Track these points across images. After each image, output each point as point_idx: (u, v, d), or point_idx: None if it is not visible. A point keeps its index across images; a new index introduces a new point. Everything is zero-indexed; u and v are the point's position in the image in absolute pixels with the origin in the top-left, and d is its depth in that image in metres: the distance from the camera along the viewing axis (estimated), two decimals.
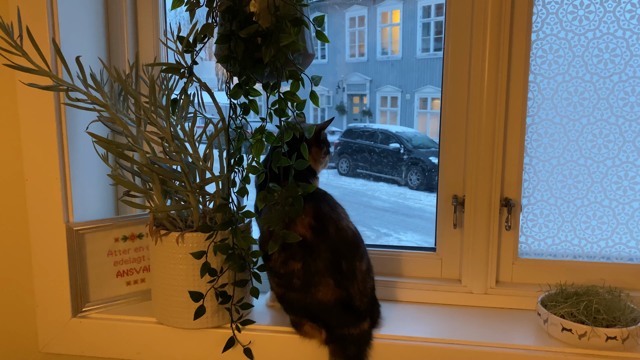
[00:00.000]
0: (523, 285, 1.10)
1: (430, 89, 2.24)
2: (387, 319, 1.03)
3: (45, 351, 1.07)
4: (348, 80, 2.45)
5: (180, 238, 0.95)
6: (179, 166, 0.95)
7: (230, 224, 0.94)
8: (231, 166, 0.95)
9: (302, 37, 0.93)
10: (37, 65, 0.86)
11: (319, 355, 0.97)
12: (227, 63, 0.88)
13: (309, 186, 0.91)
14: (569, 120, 1.07)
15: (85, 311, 1.06)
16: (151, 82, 0.90)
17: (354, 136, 2.44)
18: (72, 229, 1.02)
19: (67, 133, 1.01)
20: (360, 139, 2.41)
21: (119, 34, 1.11)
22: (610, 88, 1.05)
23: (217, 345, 0.99)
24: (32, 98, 0.99)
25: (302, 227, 0.91)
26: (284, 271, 0.93)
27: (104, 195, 1.15)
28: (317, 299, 0.91)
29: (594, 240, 1.10)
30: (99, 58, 1.00)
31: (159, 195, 0.96)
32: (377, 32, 2.34)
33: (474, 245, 1.08)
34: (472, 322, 1.03)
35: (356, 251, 0.94)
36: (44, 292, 1.05)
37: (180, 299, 0.97)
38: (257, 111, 0.92)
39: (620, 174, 1.07)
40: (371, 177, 2.39)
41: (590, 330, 0.90)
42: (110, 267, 1.07)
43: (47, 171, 1.01)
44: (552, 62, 1.05)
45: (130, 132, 0.95)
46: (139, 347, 1.04)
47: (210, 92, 0.94)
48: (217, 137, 0.94)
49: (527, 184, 1.09)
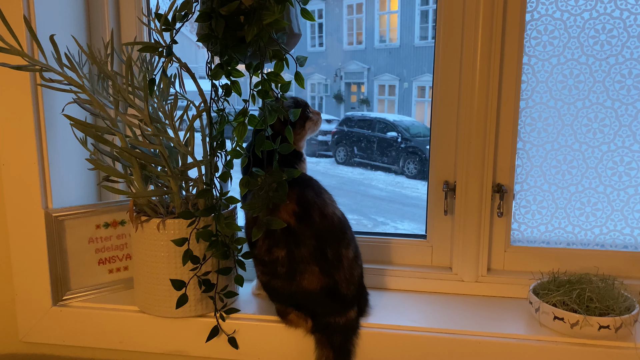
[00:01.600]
0: (515, 273, 1.07)
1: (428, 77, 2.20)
2: (376, 307, 1.01)
3: (25, 340, 1.05)
4: (346, 68, 2.42)
5: (161, 224, 0.92)
6: (158, 150, 0.92)
7: (213, 210, 0.91)
8: (213, 150, 0.92)
9: (287, 16, 0.89)
10: (9, 43, 0.83)
11: (304, 345, 0.94)
12: (207, 42, 0.84)
13: (294, 171, 0.88)
14: (563, 103, 1.04)
15: (66, 300, 1.03)
16: (128, 61, 0.86)
17: (352, 125, 2.42)
18: (51, 215, 0.99)
19: (44, 116, 0.97)
20: (357, 127, 2.39)
21: (99, 12, 1.08)
22: (606, 70, 1.01)
23: (201, 335, 0.96)
24: (6, 79, 0.95)
25: (286, 214, 0.88)
26: (268, 259, 0.91)
27: (85, 181, 1.12)
28: (302, 287, 0.89)
29: (588, 227, 1.07)
30: (72, 36, 0.96)
31: (139, 180, 0.93)
32: (375, 19, 2.30)
33: (465, 232, 1.05)
34: (463, 310, 1.01)
35: (342, 238, 0.91)
36: (23, 281, 1.02)
37: (162, 287, 0.94)
38: (239, 93, 0.88)
39: (616, 159, 1.04)
40: (368, 165, 2.37)
41: (583, 319, 0.88)
42: (91, 255, 1.05)
43: (24, 155, 0.98)
44: (547, 44, 1.02)
45: (108, 115, 0.91)
46: (121, 336, 1.01)
47: (192, 73, 0.91)
48: (198, 119, 0.90)
49: (520, 170, 1.07)
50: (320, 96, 2.48)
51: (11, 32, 0.81)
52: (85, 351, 1.06)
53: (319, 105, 2.51)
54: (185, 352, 0.99)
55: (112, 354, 1.05)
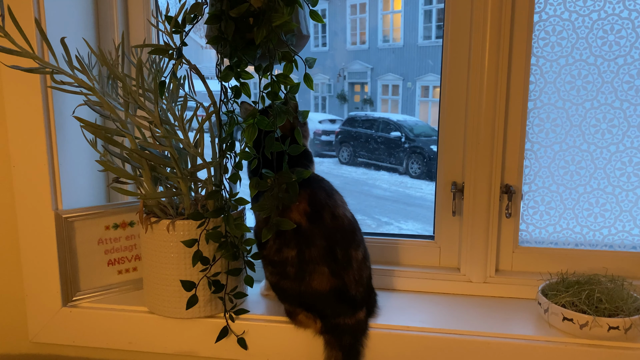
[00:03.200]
0: (523, 273, 1.07)
1: (431, 77, 2.21)
2: (384, 308, 1.01)
3: (35, 341, 1.05)
4: (349, 68, 2.42)
5: (171, 226, 0.92)
6: (168, 152, 0.92)
7: (223, 211, 0.91)
8: (223, 152, 0.92)
9: (296, 17, 0.90)
10: (20, 46, 0.83)
11: (314, 345, 0.95)
12: (217, 44, 0.85)
13: (304, 172, 0.88)
14: (571, 104, 1.04)
15: (76, 300, 1.04)
16: (138, 63, 0.87)
17: (355, 125, 2.42)
18: (61, 217, 1.00)
19: (54, 117, 0.98)
20: (361, 127, 2.39)
21: (108, 15, 1.08)
22: (614, 71, 1.01)
23: (210, 335, 0.97)
24: (17, 82, 0.96)
25: (297, 214, 0.89)
26: (278, 259, 0.91)
27: (94, 182, 1.13)
28: (312, 288, 0.89)
29: (596, 227, 1.07)
30: (83, 39, 0.96)
31: (148, 181, 0.94)
32: (379, 19, 2.30)
33: (473, 233, 1.05)
34: (471, 311, 1.01)
35: (352, 239, 0.92)
36: (34, 281, 1.03)
37: (172, 288, 0.94)
38: (248, 94, 0.89)
39: (625, 159, 1.04)
40: (372, 165, 2.37)
41: (592, 319, 0.88)
42: (101, 256, 1.05)
43: (35, 157, 0.98)
44: (555, 44, 1.02)
45: (118, 117, 0.92)
46: (130, 337, 1.02)
47: (201, 75, 0.91)
48: (208, 121, 0.91)
49: (528, 170, 1.07)
50: (323, 96, 2.48)
51: (23, 35, 0.82)
52: (94, 352, 1.07)
53: (322, 105, 2.51)
54: (195, 352, 1.00)
55: (122, 355, 1.06)
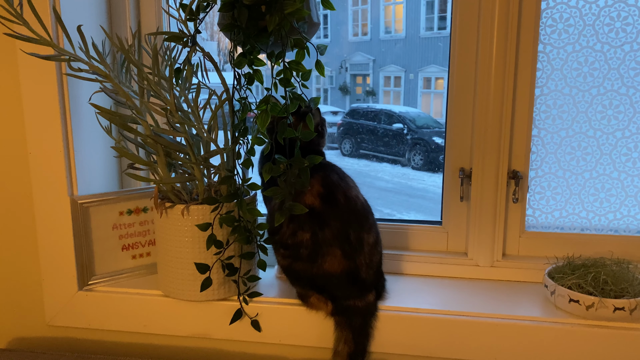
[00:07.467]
0: (530, 258, 1.09)
1: (434, 69, 2.21)
2: (393, 291, 1.03)
3: (52, 324, 1.08)
4: (351, 59, 2.42)
5: (185, 210, 0.94)
6: (183, 138, 0.94)
7: (236, 196, 0.93)
8: (236, 138, 0.94)
9: (307, 5, 0.91)
10: (38, 34, 0.85)
11: (325, 327, 0.97)
12: (230, 32, 0.86)
13: (315, 157, 0.90)
14: (578, 91, 1.05)
15: (91, 284, 1.06)
16: (154, 51, 0.88)
17: (357, 116, 2.42)
18: (76, 202, 1.02)
19: (69, 104, 1.00)
20: (363, 119, 2.40)
21: (120, 3, 1.09)
22: (621, 58, 1.03)
23: (224, 318, 0.99)
24: (33, 69, 0.97)
25: (311, 196, 0.91)
26: (292, 242, 0.93)
27: (109, 168, 1.15)
28: (324, 270, 0.91)
29: (602, 212, 1.09)
30: (101, 27, 0.98)
31: (163, 167, 0.96)
32: (381, 10, 2.30)
33: (481, 218, 1.07)
34: (479, 294, 1.03)
35: (364, 222, 0.93)
36: (50, 266, 1.05)
37: (186, 272, 0.96)
38: (261, 81, 0.90)
39: (630, 145, 1.06)
40: (374, 157, 2.38)
41: (598, 301, 0.90)
42: (115, 241, 1.07)
43: (51, 144, 1.00)
44: (562, 32, 1.03)
45: (133, 104, 0.93)
46: (145, 320, 1.04)
47: (214, 62, 0.93)
48: (221, 108, 0.92)
49: (535, 156, 1.08)
50: (325, 88, 2.48)
51: (41, 22, 0.83)
52: (110, 334, 1.09)
53: (324, 97, 2.51)
54: (209, 334, 1.02)
55: (137, 337, 1.08)
